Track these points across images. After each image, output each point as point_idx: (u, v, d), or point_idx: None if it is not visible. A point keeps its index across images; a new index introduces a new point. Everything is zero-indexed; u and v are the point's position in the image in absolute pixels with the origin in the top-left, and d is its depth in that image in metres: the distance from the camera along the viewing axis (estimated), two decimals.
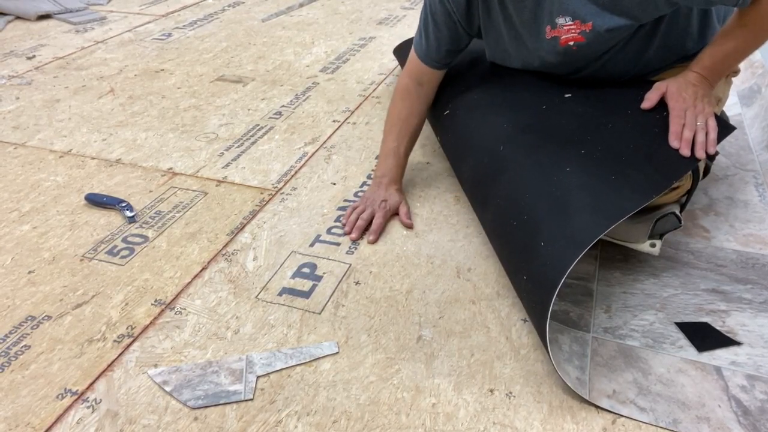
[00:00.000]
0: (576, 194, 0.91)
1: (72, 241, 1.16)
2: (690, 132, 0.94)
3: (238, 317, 0.97)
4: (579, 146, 0.98)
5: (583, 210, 0.88)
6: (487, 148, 1.10)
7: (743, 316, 0.94)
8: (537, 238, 0.89)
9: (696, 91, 0.98)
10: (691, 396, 0.81)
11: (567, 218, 0.88)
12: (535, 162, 0.99)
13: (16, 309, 1.00)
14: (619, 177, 0.91)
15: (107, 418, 0.81)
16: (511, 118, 1.12)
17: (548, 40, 1.04)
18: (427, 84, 1.26)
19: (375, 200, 1.19)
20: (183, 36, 2.33)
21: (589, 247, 0.82)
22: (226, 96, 1.80)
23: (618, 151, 0.96)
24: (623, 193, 0.89)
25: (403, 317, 0.96)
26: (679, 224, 0.98)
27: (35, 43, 2.29)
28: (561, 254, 0.84)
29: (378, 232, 1.15)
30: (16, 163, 1.45)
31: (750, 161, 1.37)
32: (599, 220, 0.86)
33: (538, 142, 1.03)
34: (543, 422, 0.78)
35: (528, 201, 0.95)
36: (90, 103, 1.77)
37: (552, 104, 1.10)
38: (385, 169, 1.24)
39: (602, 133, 1.00)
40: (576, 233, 0.85)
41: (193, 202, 1.28)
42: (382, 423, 0.79)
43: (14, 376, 0.87)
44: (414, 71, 1.25)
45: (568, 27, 1.00)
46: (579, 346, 0.89)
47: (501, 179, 1.04)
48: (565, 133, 1.03)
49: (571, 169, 0.94)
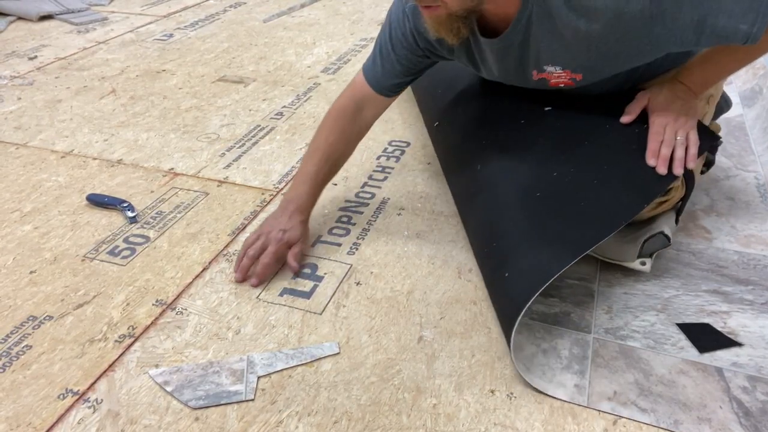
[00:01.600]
0: (544, 224, 0.90)
1: (73, 241, 1.17)
2: (668, 149, 0.92)
3: (239, 317, 0.97)
4: (552, 167, 0.97)
5: (550, 241, 0.88)
6: (467, 167, 1.11)
7: (744, 317, 0.94)
8: (503, 269, 0.90)
9: (681, 104, 0.94)
10: (693, 397, 0.81)
11: (531, 251, 0.89)
12: (507, 186, 0.99)
13: (17, 309, 1.00)
14: (590, 204, 0.90)
15: (108, 418, 0.81)
16: (490, 133, 1.11)
17: (535, 81, 0.97)
18: (369, 111, 1.12)
19: (273, 228, 1.05)
20: (184, 36, 2.33)
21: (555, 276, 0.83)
22: (227, 96, 1.80)
23: (592, 173, 0.94)
24: (591, 223, 0.88)
25: (404, 318, 0.96)
26: (668, 243, 0.97)
27: (37, 43, 2.29)
28: (520, 289, 0.85)
29: (263, 276, 1.02)
30: (18, 164, 1.45)
31: (751, 162, 1.37)
32: (564, 251, 0.85)
33: (512, 163, 1.02)
34: (544, 423, 0.78)
35: (498, 228, 0.96)
36: (91, 104, 1.77)
37: (531, 119, 1.07)
38: (296, 194, 1.09)
39: (578, 152, 0.98)
40: (535, 269, 0.85)
41: (195, 203, 1.28)
42: (383, 423, 0.79)
43: (15, 376, 0.88)
44: (357, 94, 1.10)
45: (557, 74, 0.94)
46: (580, 349, 0.89)
47: (477, 201, 1.05)
48: (540, 151, 1.01)
49: (541, 194, 0.94)
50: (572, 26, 0.84)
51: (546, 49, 0.90)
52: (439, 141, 1.32)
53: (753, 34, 0.78)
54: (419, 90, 1.54)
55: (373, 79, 1.08)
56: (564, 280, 1.02)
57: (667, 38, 0.81)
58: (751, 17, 0.77)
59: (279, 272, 1.06)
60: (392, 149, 1.47)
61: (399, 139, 1.51)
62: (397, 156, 1.44)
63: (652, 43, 0.83)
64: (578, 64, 0.91)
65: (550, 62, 0.92)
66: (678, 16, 0.78)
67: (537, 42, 0.89)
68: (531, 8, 0.85)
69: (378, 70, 1.07)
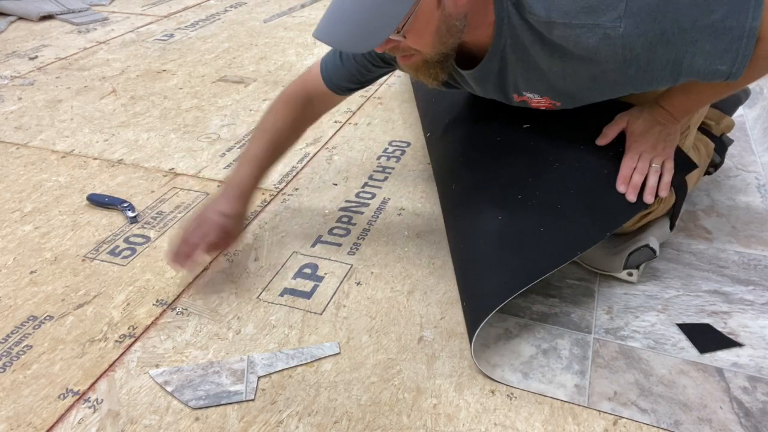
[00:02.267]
0: (499, 251, 0.91)
1: (74, 241, 1.17)
2: (640, 176, 0.90)
3: (239, 318, 0.97)
4: (519, 189, 0.96)
5: (501, 271, 0.88)
6: (445, 183, 1.12)
7: (745, 318, 0.94)
8: (462, 294, 0.93)
9: (660, 130, 0.92)
10: (693, 397, 0.81)
11: (484, 278, 0.89)
12: (474, 208, 0.99)
13: (18, 309, 1.00)
14: (549, 230, 0.89)
15: (109, 418, 0.81)
16: (466, 152, 1.11)
17: (517, 102, 0.95)
18: (318, 105, 1.10)
19: (214, 214, 1.00)
20: (185, 37, 2.34)
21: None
22: (227, 97, 1.80)
23: (557, 198, 0.93)
24: (547, 250, 0.88)
25: (405, 318, 0.96)
26: (653, 256, 0.97)
27: (38, 43, 2.29)
28: (472, 316, 0.87)
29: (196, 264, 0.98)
30: (19, 164, 1.45)
31: (752, 162, 1.37)
32: (508, 284, 0.85)
33: (481, 184, 1.02)
34: (544, 423, 0.78)
35: (461, 253, 0.97)
36: (92, 104, 1.77)
37: (507, 136, 1.06)
38: (239, 177, 1.04)
39: (547, 174, 0.96)
40: (483, 297, 0.87)
41: (195, 203, 1.28)
42: (384, 424, 0.79)
43: (16, 376, 0.88)
44: (310, 85, 1.07)
45: (537, 100, 0.92)
46: (580, 349, 0.89)
47: (450, 219, 1.06)
48: (509, 172, 1.00)
49: (502, 218, 0.93)
50: (546, 61, 0.83)
51: (522, 77, 0.88)
52: (430, 152, 1.33)
53: (733, 73, 0.74)
54: (418, 94, 1.55)
55: (327, 76, 1.05)
56: (564, 280, 1.02)
57: (643, 78, 0.79)
58: (730, 57, 0.73)
59: (279, 272, 1.06)
60: (393, 149, 1.47)
61: (399, 140, 1.51)
62: (398, 156, 1.44)
63: (628, 82, 0.81)
64: (556, 93, 0.89)
65: (528, 90, 0.91)
66: (653, 58, 0.75)
67: (514, 71, 0.88)
68: (505, 40, 0.83)
69: (337, 67, 1.04)
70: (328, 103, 1.11)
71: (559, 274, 1.03)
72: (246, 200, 1.05)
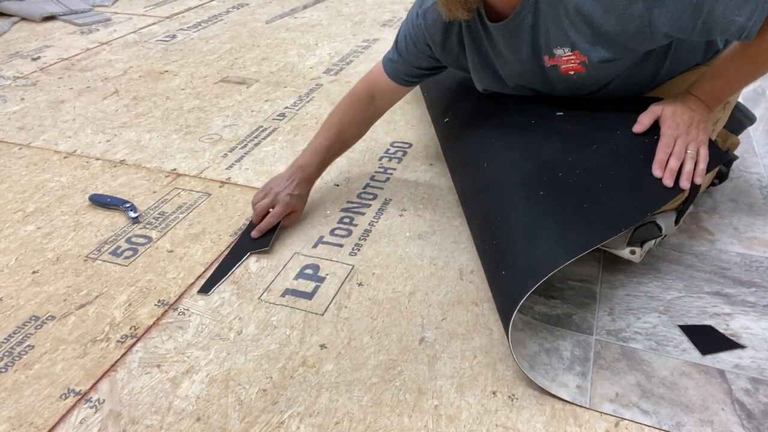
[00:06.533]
0: (542, 223, 0.90)
1: (76, 241, 1.17)
2: (676, 161, 0.91)
3: (240, 318, 0.97)
4: (558, 168, 0.96)
5: (546, 241, 0.88)
6: (473, 164, 1.11)
7: (747, 319, 0.94)
8: (501, 266, 0.90)
9: (692, 116, 0.93)
10: (695, 399, 0.81)
11: (528, 248, 0.88)
12: (511, 184, 0.99)
13: (20, 309, 1.00)
14: (591, 206, 0.89)
15: (110, 418, 0.81)
16: (499, 131, 1.11)
17: (548, 68, 0.99)
18: (381, 100, 1.20)
19: (281, 191, 1.14)
20: (187, 37, 2.34)
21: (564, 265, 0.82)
22: (229, 97, 1.80)
23: (596, 177, 0.93)
24: (590, 226, 0.87)
25: (406, 319, 0.96)
26: (659, 234, 0.96)
27: (40, 44, 2.30)
28: (516, 286, 0.85)
29: (263, 230, 1.13)
30: (21, 164, 1.46)
31: (754, 164, 1.37)
32: (560, 251, 0.85)
33: (518, 161, 1.02)
34: (546, 425, 0.78)
35: (498, 225, 0.95)
36: (94, 104, 1.77)
37: (541, 120, 1.08)
38: (306, 163, 1.18)
39: (585, 155, 0.97)
40: (533, 265, 0.85)
41: (197, 203, 1.28)
42: (385, 425, 0.79)
43: (18, 375, 0.88)
44: (373, 81, 1.19)
45: (567, 57, 0.95)
46: (581, 350, 0.89)
47: (481, 198, 1.05)
48: (547, 152, 1.01)
49: (544, 194, 0.93)
50: (575, 3, 0.87)
51: (554, 28, 0.92)
52: (448, 137, 1.31)
53: (749, 27, 0.79)
54: (430, 84, 1.54)
55: (391, 69, 1.16)
56: (566, 281, 1.02)
57: (665, 20, 0.83)
58: (749, 9, 0.78)
59: (280, 273, 1.06)
60: (394, 150, 1.47)
61: (401, 140, 1.52)
62: (399, 157, 1.44)
63: (651, 25, 0.84)
64: (584, 45, 0.92)
65: (559, 44, 0.94)
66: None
67: (545, 22, 0.92)
68: None
69: (395, 59, 1.15)
70: (391, 97, 1.21)
71: (561, 276, 1.03)
72: (311, 185, 1.20)
